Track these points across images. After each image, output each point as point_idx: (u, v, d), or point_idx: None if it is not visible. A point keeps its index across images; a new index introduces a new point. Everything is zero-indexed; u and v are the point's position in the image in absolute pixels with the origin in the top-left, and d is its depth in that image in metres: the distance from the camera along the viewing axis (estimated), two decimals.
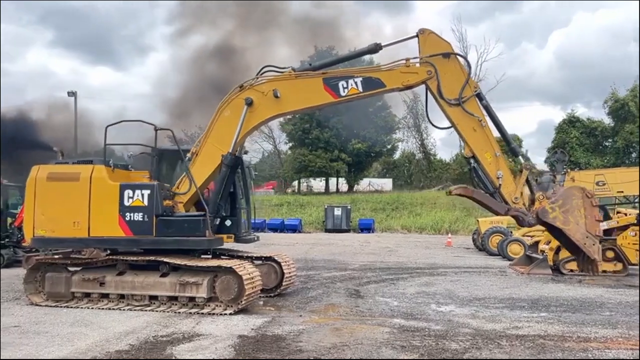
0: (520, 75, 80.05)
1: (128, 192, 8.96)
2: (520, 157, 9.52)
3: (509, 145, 9.55)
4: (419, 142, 55.73)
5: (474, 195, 9.01)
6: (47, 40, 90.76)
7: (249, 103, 9.27)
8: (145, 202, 8.91)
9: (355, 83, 9.22)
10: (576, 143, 45.87)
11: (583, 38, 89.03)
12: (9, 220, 16.25)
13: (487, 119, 9.40)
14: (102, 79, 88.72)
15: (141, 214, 8.90)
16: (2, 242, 15.63)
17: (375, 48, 9.71)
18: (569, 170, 14.49)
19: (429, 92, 9.55)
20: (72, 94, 34.38)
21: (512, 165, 9.66)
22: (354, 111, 47.23)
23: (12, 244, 15.67)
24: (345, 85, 9.21)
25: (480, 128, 9.17)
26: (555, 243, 13.83)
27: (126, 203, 8.93)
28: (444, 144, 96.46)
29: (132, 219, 8.91)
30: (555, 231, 8.91)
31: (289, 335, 7.19)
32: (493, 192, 9.06)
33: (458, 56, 9.40)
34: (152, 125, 9.27)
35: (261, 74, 9.63)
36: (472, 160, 9.23)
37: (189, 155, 9.55)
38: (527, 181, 9.32)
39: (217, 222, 9.57)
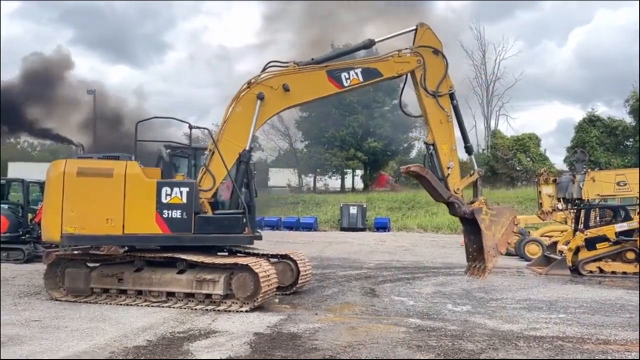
0: (540, 74, 78.99)
1: (166, 190, 8.96)
2: (472, 156, 10.71)
3: (466, 144, 10.69)
4: None
5: (427, 176, 9.75)
6: (67, 38, 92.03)
7: (262, 98, 9.40)
8: (184, 200, 8.95)
9: (356, 74, 9.86)
10: (596, 142, 45.04)
11: (604, 36, 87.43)
12: (29, 216, 16.47)
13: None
14: (121, 76, 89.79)
15: (180, 211, 8.93)
16: (23, 237, 15.85)
17: (370, 44, 10.29)
18: (589, 170, 14.21)
19: (408, 81, 10.33)
20: (91, 92, 34.78)
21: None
22: (370, 110, 47.16)
23: (33, 240, 15.85)
24: (347, 76, 9.81)
25: (447, 122, 10.11)
26: (574, 244, 13.67)
27: (164, 200, 8.94)
28: (460, 143, 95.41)
29: (170, 216, 8.93)
30: (473, 230, 10.04)
31: (305, 334, 7.21)
32: (440, 179, 9.97)
33: (444, 57, 10.13)
34: (185, 123, 9.39)
35: (265, 70, 9.83)
36: (431, 147, 10.15)
37: (206, 152, 9.64)
38: (475, 184, 10.33)
39: None
